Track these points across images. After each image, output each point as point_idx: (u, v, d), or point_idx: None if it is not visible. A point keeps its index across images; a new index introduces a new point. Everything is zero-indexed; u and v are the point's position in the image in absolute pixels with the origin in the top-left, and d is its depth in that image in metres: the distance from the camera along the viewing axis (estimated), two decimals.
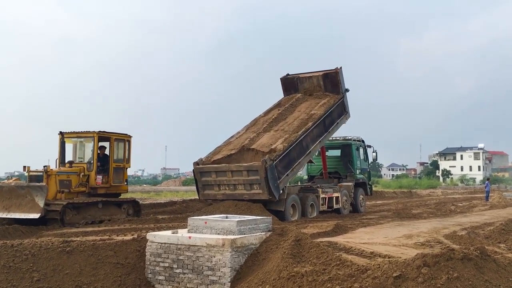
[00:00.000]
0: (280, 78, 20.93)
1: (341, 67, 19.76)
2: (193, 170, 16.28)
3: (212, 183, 15.66)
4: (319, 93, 19.75)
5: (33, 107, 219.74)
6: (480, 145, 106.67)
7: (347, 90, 19.96)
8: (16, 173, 56.79)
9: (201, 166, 15.97)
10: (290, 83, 20.71)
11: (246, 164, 15.09)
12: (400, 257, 7.21)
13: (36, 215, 12.53)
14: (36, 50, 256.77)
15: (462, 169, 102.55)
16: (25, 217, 12.59)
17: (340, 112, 19.43)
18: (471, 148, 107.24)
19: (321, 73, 20.04)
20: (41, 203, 12.66)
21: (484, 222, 14.66)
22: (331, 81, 19.74)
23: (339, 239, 10.21)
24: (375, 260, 7.14)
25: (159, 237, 8.55)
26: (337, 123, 19.21)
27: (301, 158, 16.73)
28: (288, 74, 21.01)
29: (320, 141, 17.90)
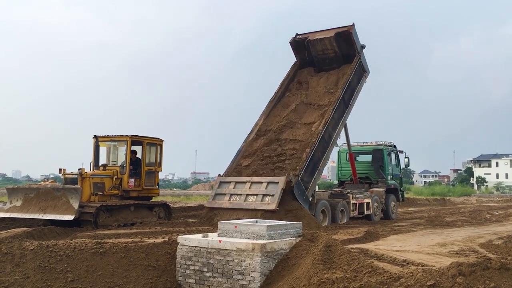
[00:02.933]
0: (290, 42, 19.22)
1: (353, 24, 18.33)
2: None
3: (226, 193, 15.16)
4: (333, 65, 18.65)
5: (67, 110, 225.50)
6: None
7: (363, 47, 18.60)
8: (52, 176, 58.28)
9: (224, 176, 15.85)
10: (301, 46, 19.02)
11: (269, 178, 14.81)
12: (434, 266, 7.04)
13: (70, 217, 12.80)
14: (70, 55, 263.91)
15: (497, 176, 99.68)
16: (60, 219, 12.88)
17: (359, 75, 18.18)
18: (507, 155, 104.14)
19: (332, 34, 18.38)
20: (76, 205, 12.93)
21: None
22: (345, 41, 18.42)
23: (370, 246, 10.05)
24: (408, 268, 7.00)
25: (189, 240, 8.62)
26: (358, 89, 18.04)
27: (326, 152, 16.14)
28: (297, 34, 19.31)
29: (342, 121, 17.07)
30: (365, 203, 18.04)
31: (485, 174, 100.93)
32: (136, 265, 8.53)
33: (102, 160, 15.70)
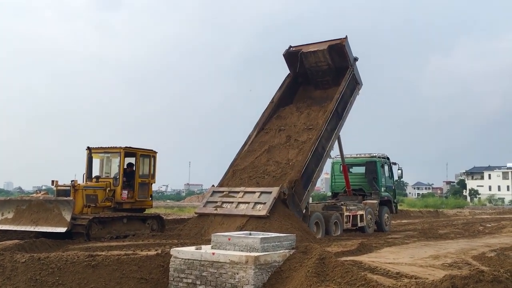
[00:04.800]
0: (283, 54, 19.20)
1: (346, 36, 18.45)
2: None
3: (217, 201, 15.12)
4: (326, 77, 18.85)
5: (60, 122, 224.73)
6: (509, 165, 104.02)
7: (356, 60, 18.75)
8: (44, 187, 57.87)
9: (217, 187, 15.87)
10: (294, 58, 18.97)
11: (262, 188, 14.77)
12: (427, 278, 7.05)
13: (62, 229, 12.69)
14: (67, 68, 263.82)
15: (490, 188, 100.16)
16: (52, 231, 12.77)
17: (352, 87, 18.27)
18: (499, 168, 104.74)
19: (326, 46, 18.47)
20: (68, 217, 12.83)
21: None
22: (338, 53, 18.54)
23: (364, 259, 10.04)
24: (402, 281, 7.01)
25: (182, 253, 8.58)
26: (351, 101, 18.11)
27: (319, 164, 16.17)
28: (290, 47, 19.32)
29: (335, 133, 17.13)
30: (358, 215, 18.04)
31: (477, 186, 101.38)
32: (128, 277, 8.46)
33: (95, 171, 15.64)
